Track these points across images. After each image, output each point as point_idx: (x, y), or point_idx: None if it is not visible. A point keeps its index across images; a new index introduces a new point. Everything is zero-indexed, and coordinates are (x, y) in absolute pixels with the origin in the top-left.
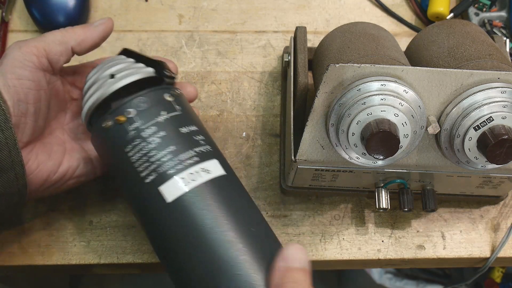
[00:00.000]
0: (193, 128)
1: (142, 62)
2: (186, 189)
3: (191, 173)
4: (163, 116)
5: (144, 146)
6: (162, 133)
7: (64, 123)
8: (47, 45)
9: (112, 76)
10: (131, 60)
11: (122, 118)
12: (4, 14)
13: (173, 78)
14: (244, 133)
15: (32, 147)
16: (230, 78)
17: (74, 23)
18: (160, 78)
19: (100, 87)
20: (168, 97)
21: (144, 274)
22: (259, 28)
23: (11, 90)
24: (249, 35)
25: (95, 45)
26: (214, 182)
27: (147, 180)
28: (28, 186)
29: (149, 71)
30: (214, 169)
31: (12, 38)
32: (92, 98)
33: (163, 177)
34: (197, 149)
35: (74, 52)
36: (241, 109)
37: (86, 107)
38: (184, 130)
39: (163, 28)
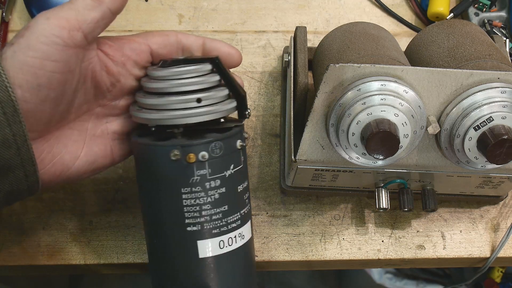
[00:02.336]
0: (246, 184)
1: (227, 85)
2: (221, 252)
3: (230, 238)
4: (230, 171)
5: (202, 197)
6: (222, 190)
7: (93, 105)
8: (80, 14)
9: (199, 100)
10: (217, 79)
11: (192, 158)
12: (4, 14)
13: (248, 117)
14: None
15: (48, 137)
16: None
17: None
18: (240, 115)
19: (181, 108)
20: (239, 145)
21: (144, 274)
22: (259, 28)
23: (31, 71)
24: (249, 35)
25: None
26: (244, 247)
27: (189, 229)
28: (39, 182)
29: (233, 107)
30: (247, 233)
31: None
32: (167, 114)
33: (205, 234)
34: (242, 211)
35: (112, 14)
36: None
37: (153, 116)
38: (240, 188)
39: (163, 28)
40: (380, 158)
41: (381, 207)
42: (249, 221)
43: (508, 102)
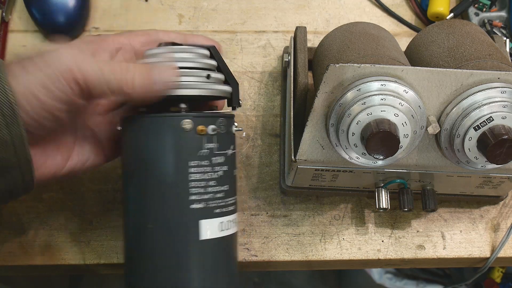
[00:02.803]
0: (236, 172)
1: (222, 73)
2: (220, 235)
3: (229, 221)
4: (230, 151)
5: (209, 171)
6: (225, 168)
7: (82, 106)
8: (99, 84)
9: (208, 76)
10: (214, 64)
11: (203, 130)
12: (4, 14)
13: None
14: (244, 133)
15: (40, 139)
16: None
17: (74, 23)
18: (230, 103)
19: (192, 81)
20: (234, 130)
21: None
22: (259, 28)
23: (36, 104)
24: (249, 35)
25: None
26: (235, 237)
27: (193, 206)
28: (34, 181)
29: (229, 90)
30: (236, 223)
31: (12, 38)
32: (178, 89)
33: (209, 213)
34: (236, 197)
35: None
36: (241, 109)
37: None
38: (235, 172)
39: (163, 28)
40: (380, 158)
41: (381, 207)
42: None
43: (508, 102)
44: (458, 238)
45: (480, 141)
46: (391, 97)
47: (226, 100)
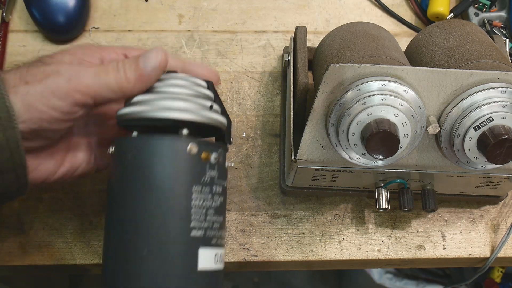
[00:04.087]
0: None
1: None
2: (214, 267)
3: (221, 254)
4: (225, 183)
5: (209, 199)
6: (222, 199)
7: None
8: (100, 89)
9: (211, 107)
10: (212, 97)
11: (207, 156)
12: (4, 14)
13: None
14: (244, 133)
15: (35, 146)
16: (230, 78)
17: (74, 23)
18: (223, 138)
19: (195, 109)
20: (227, 165)
21: None
22: (259, 28)
23: (36, 114)
24: (249, 35)
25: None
26: (222, 273)
27: (192, 234)
28: (28, 184)
29: (225, 123)
30: (223, 259)
31: (12, 38)
32: (185, 114)
33: (207, 242)
34: (224, 233)
35: (125, 97)
36: (241, 109)
37: (171, 115)
38: (225, 206)
39: (163, 28)
40: (380, 158)
41: (381, 207)
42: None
43: (508, 102)
44: (458, 238)
45: (480, 141)
46: (391, 97)
47: (214, 138)
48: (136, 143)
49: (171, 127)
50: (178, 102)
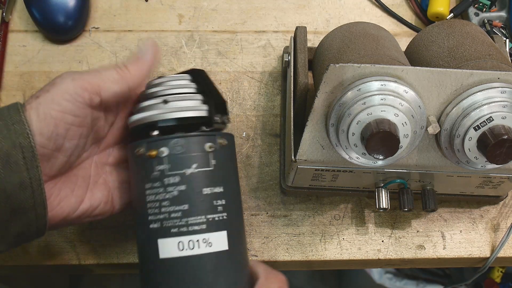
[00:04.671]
0: (218, 189)
1: (203, 93)
2: (178, 254)
3: (191, 241)
4: (191, 170)
5: (161, 192)
6: (182, 187)
7: (95, 153)
8: (103, 83)
9: (165, 101)
10: (193, 86)
11: (153, 153)
12: (4, 14)
13: (225, 123)
14: (244, 133)
15: (57, 181)
16: (230, 78)
17: (74, 23)
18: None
19: (150, 108)
20: (208, 148)
21: None
22: (259, 28)
23: (52, 122)
24: (249, 35)
25: (148, 77)
26: (210, 257)
27: (151, 226)
28: (47, 224)
29: (202, 109)
30: (217, 242)
31: (12, 38)
32: (139, 115)
33: (164, 232)
34: (210, 216)
35: (129, 90)
36: (241, 109)
37: (131, 120)
38: (206, 191)
39: (163, 28)
40: (380, 158)
41: (381, 207)
42: (225, 232)
43: (508, 102)
44: (458, 238)
45: (480, 141)
46: (391, 97)
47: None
48: (126, 151)
49: (150, 128)
50: (139, 108)
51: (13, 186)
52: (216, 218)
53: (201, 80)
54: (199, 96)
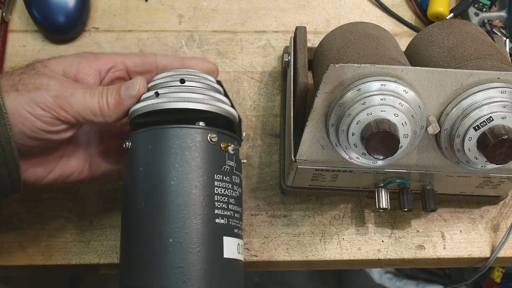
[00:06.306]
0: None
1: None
2: (236, 256)
3: (242, 245)
4: (241, 175)
5: (229, 188)
6: (240, 190)
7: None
8: (83, 111)
9: (226, 94)
10: (223, 91)
11: (226, 146)
12: (4, 14)
13: (241, 141)
14: (244, 133)
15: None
16: (230, 78)
17: (74, 23)
18: (235, 134)
19: (211, 101)
20: (241, 160)
21: None
22: (259, 28)
23: (24, 121)
24: (249, 35)
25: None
26: (242, 264)
27: (217, 221)
28: (21, 180)
29: (236, 115)
30: (243, 250)
31: (12, 38)
32: (202, 105)
33: (230, 231)
34: (243, 225)
35: (112, 121)
36: (241, 109)
37: (188, 105)
38: (241, 198)
39: (163, 28)
40: (380, 158)
41: (381, 207)
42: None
43: (508, 102)
44: (458, 238)
45: (480, 141)
46: (391, 97)
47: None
48: (157, 133)
49: (183, 120)
50: (195, 94)
51: None
52: (243, 228)
53: (222, 87)
54: (228, 101)
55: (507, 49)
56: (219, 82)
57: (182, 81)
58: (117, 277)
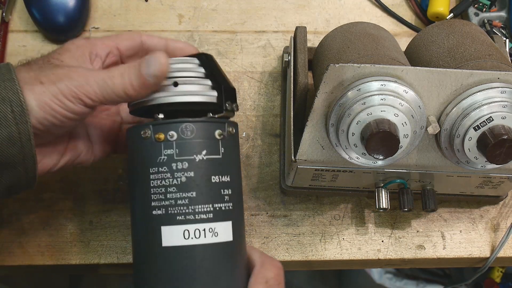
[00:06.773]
0: (226, 178)
1: (212, 78)
2: (183, 243)
3: (197, 229)
4: (201, 156)
5: (168, 178)
6: (190, 174)
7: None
8: (107, 95)
9: (175, 84)
10: (202, 71)
11: (161, 137)
12: (4, 14)
13: (233, 111)
14: (244, 133)
15: (42, 140)
16: (230, 78)
17: (74, 23)
18: (220, 106)
19: (159, 90)
20: (217, 135)
21: None
22: (259, 28)
23: (50, 112)
24: (249, 35)
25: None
26: (215, 248)
27: (154, 212)
28: (37, 177)
29: (211, 95)
30: (223, 232)
31: (12, 38)
32: (151, 96)
33: (169, 219)
34: (217, 205)
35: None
36: (241, 109)
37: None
38: (215, 179)
39: (163, 28)
40: (380, 158)
41: (381, 207)
42: (230, 222)
43: (508, 102)
44: (458, 238)
45: (480, 141)
46: (391, 97)
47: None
48: (127, 132)
49: (155, 111)
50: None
51: (1, 140)
52: (223, 208)
53: (209, 65)
54: (208, 81)
55: (507, 49)
56: (209, 56)
57: (176, 84)
58: (117, 277)
